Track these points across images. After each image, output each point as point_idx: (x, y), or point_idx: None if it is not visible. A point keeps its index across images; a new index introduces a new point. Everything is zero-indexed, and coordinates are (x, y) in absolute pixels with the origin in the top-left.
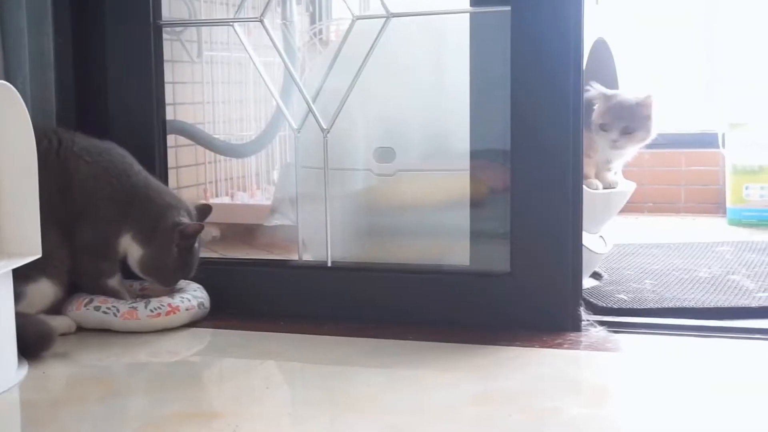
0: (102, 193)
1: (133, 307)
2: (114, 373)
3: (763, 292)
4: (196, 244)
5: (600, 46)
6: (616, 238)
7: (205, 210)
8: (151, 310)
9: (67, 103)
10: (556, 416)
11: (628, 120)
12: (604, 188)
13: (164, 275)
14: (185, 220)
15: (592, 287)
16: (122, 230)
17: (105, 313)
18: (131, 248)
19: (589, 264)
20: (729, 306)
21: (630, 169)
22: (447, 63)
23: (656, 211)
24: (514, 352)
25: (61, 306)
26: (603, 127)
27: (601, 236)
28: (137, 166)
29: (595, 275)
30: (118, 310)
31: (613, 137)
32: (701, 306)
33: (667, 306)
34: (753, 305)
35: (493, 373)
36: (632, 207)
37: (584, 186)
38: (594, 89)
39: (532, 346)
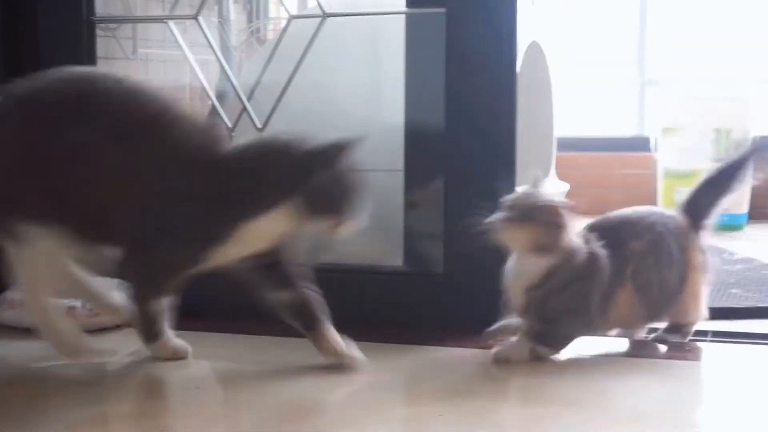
0: None
1: (71, 306)
2: (45, 374)
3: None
4: None
5: (534, 50)
6: None
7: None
8: (90, 309)
9: None
10: (486, 416)
11: None
12: None
13: None
14: None
15: None
16: None
17: None
18: None
19: None
20: None
21: (563, 171)
22: (383, 62)
23: (589, 213)
24: (446, 352)
25: None
26: None
27: None
28: None
29: None
30: None
31: None
32: None
33: None
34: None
35: (425, 373)
36: None
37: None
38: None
39: (464, 347)
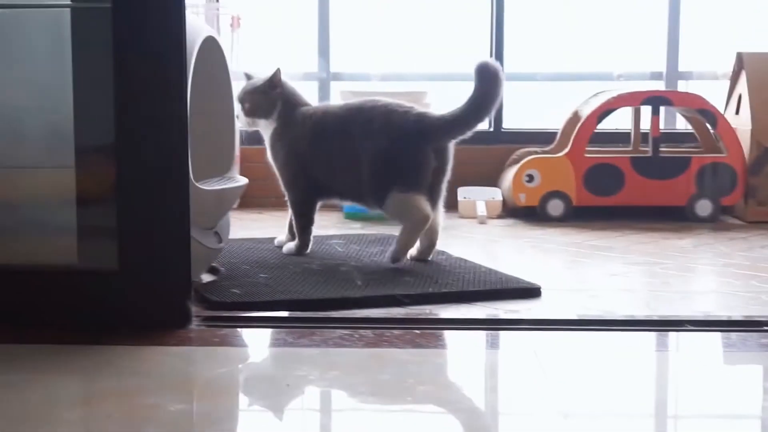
0: None
1: None
2: None
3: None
4: None
5: (210, 44)
6: (236, 234)
7: None
8: None
9: None
10: (156, 413)
11: None
12: None
13: None
14: None
15: (209, 282)
16: None
17: None
18: None
19: (204, 260)
20: (337, 297)
21: (249, 164)
22: (61, 57)
23: (280, 206)
24: (122, 351)
25: None
26: None
27: (216, 232)
28: None
29: (214, 271)
30: None
31: None
32: (310, 298)
33: (279, 299)
34: (356, 295)
35: (100, 374)
36: (256, 202)
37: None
38: None
39: (141, 345)
